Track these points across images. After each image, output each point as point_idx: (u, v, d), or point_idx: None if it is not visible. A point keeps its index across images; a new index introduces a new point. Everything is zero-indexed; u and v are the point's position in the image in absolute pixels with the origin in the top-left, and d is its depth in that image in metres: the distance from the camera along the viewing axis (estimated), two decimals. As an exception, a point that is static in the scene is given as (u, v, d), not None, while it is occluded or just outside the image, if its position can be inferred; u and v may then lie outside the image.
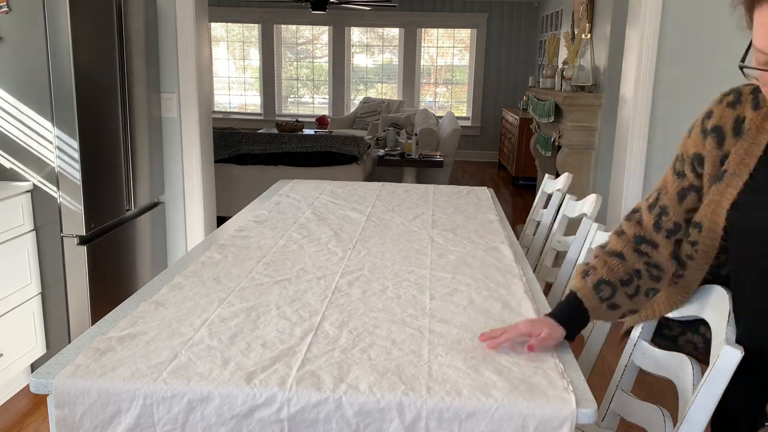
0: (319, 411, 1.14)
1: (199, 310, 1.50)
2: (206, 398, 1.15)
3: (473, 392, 1.16)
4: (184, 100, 3.52)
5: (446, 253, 2.02)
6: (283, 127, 7.31)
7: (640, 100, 3.45)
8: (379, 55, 10.19)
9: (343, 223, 2.35)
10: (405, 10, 9.56)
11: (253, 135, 5.59)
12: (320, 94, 10.36)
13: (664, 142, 3.50)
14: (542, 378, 1.22)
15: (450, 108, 9.93)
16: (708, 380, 1.16)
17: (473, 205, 2.71)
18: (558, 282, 2.19)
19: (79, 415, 1.16)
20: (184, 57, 3.46)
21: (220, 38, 10.22)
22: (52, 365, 1.22)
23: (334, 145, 5.52)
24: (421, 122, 7.44)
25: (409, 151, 6.19)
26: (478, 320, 1.49)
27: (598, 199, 2.25)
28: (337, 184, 3.10)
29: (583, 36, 5.04)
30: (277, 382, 1.18)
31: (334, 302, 1.57)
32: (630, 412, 1.42)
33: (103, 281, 2.96)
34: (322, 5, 7.60)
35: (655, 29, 3.37)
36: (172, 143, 3.56)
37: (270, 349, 1.31)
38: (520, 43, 9.55)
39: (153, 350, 1.29)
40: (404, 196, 2.85)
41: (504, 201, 6.95)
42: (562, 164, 4.58)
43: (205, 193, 3.67)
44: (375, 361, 1.27)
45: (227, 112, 10.32)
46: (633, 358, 1.47)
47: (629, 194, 3.55)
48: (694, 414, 1.17)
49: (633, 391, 1.47)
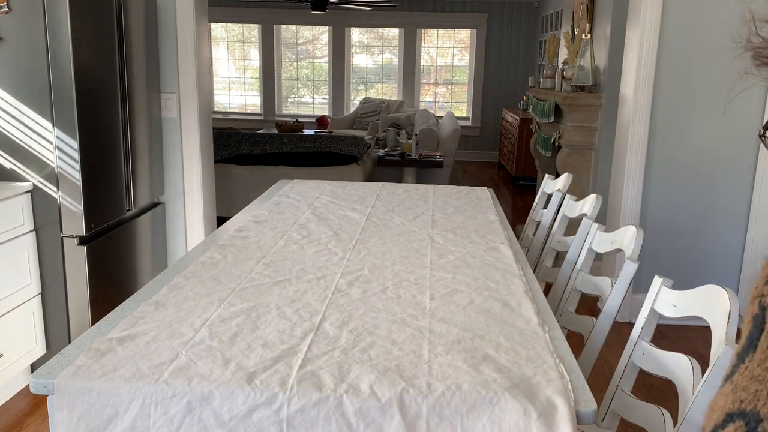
0: (319, 410, 1.14)
1: (199, 310, 1.50)
2: (207, 398, 1.15)
3: (473, 387, 1.16)
4: (184, 100, 3.52)
5: (446, 253, 2.02)
6: (283, 128, 7.31)
7: (640, 100, 3.45)
8: (379, 55, 10.19)
9: (343, 223, 2.35)
10: (405, 10, 9.56)
11: (253, 135, 5.59)
12: (320, 94, 10.36)
13: (664, 142, 3.50)
14: (542, 378, 1.22)
15: (450, 108, 9.93)
16: (708, 380, 1.16)
17: (473, 206, 2.71)
18: (558, 282, 2.19)
19: (79, 415, 1.16)
20: (184, 57, 3.46)
21: (220, 38, 10.22)
22: (52, 366, 1.22)
23: (334, 145, 5.52)
24: (421, 122, 7.45)
25: (409, 152, 6.19)
26: (478, 320, 1.49)
27: (598, 199, 2.25)
28: (337, 185, 3.10)
29: (583, 36, 5.04)
30: (277, 382, 1.18)
31: (334, 302, 1.57)
32: (630, 413, 1.42)
33: (103, 281, 2.96)
34: (322, 5, 7.60)
35: (655, 29, 3.37)
36: (172, 143, 3.56)
37: (270, 349, 1.31)
38: (520, 43, 9.55)
39: (153, 351, 1.29)
40: (404, 196, 2.85)
41: (504, 201, 6.95)
42: (562, 164, 4.58)
43: (205, 193, 3.67)
44: (375, 361, 1.27)
45: (227, 113, 10.32)
46: (633, 358, 1.47)
47: (629, 194, 3.56)
48: (694, 414, 1.17)
49: (633, 391, 1.47)
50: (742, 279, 3.56)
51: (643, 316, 1.50)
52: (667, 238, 3.58)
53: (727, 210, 3.54)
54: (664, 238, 3.57)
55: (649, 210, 3.58)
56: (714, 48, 3.38)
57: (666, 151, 3.51)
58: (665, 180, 3.54)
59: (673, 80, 3.43)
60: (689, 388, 1.22)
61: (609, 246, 1.95)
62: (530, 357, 1.31)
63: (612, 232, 1.96)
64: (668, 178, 3.53)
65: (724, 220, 3.56)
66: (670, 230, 3.58)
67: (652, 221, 3.57)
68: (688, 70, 3.41)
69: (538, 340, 1.39)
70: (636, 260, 1.71)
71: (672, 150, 3.51)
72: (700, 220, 3.57)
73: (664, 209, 3.57)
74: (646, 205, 3.57)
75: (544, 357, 1.31)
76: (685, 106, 3.45)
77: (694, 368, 1.24)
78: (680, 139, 3.49)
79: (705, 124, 3.45)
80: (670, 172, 3.53)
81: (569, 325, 1.91)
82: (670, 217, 3.58)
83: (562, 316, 1.95)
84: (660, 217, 3.58)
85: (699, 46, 3.39)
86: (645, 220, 3.58)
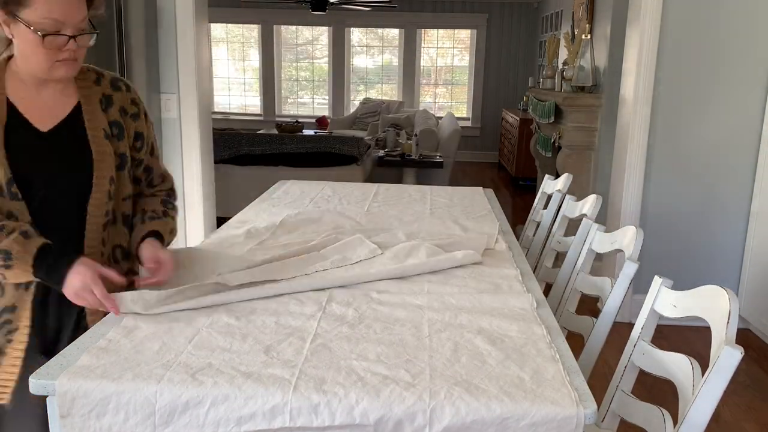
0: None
1: (202, 309, 1.50)
2: (213, 397, 1.15)
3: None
4: (184, 101, 3.52)
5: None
6: (283, 128, 7.31)
7: (640, 100, 3.45)
8: (379, 55, 10.19)
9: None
10: (405, 10, 9.56)
11: (252, 136, 5.60)
12: (320, 94, 10.37)
13: (664, 143, 3.50)
14: (544, 382, 1.22)
15: (450, 109, 9.93)
16: (708, 380, 1.16)
17: (472, 206, 2.71)
18: (558, 282, 2.19)
19: (79, 416, 1.16)
20: (184, 58, 3.46)
21: (220, 39, 10.22)
22: (53, 366, 1.22)
23: (334, 145, 5.52)
24: (421, 123, 7.45)
25: (408, 152, 6.19)
26: (474, 322, 1.49)
27: (598, 200, 2.25)
28: (336, 185, 3.10)
29: (583, 36, 5.04)
30: (280, 381, 1.18)
31: (333, 299, 1.57)
32: (630, 413, 1.42)
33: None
34: (322, 6, 7.61)
35: (655, 29, 3.37)
36: (172, 144, 3.56)
37: (272, 346, 1.31)
38: (520, 43, 9.55)
39: (155, 350, 1.29)
40: (401, 197, 2.85)
41: (504, 202, 6.95)
42: (562, 165, 4.58)
43: (204, 193, 3.67)
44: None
45: (227, 113, 10.32)
46: (633, 358, 1.47)
47: (629, 194, 3.56)
48: (694, 414, 1.17)
49: (633, 391, 1.47)
50: (742, 279, 3.56)
51: (643, 317, 1.50)
52: (667, 238, 3.58)
53: (727, 210, 3.54)
54: (664, 239, 3.57)
55: (649, 210, 3.58)
56: (714, 48, 3.38)
57: (666, 151, 3.51)
58: (665, 180, 3.54)
59: (673, 80, 3.43)
60: (689, 388, 1.22)
61: (609, 246, 1.95)
62: (530, 356, 1.31)
63: (612, 232, 1.96)
64: (668, 178, 3.53)
65: (724, 220, 3.56)
66: (670, 230, 3.58)
67: (652, 221, 3.57)
68: (688, 70, 3.41)
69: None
70: (636, 260, 1.71)
71: (672, 150, 3.51)
72: (700, 220, 3.57)
73: (664, 209, 3.57)
74: (646, 205, 3.57)
75: (545, 355, 1.31)
76: (685, 106, 3.45)
77: (694, 368, 1.24)
78: (680, 139, 3.49)
79: (705, 124, 3.45)
80: (670, 172, 3.53)
81: (569, 325, 1.91)
82: (670, 218, 3.58)
83: (562, 317, 1.95)
84: (660, 217, 3.58)
85: (699, 45, 3.39)
86: (645, 220, 3.58)
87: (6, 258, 1.38)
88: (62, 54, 1.41)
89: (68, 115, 1.50)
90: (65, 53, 1.41)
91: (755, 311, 3.41)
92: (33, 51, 1.39)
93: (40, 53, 1.39)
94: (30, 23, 1.35)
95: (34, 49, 1.38)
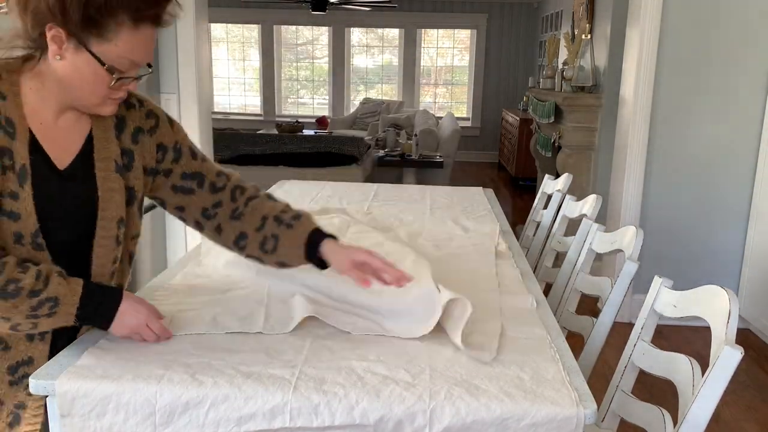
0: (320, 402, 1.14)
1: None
2: (213, 397, 1.15)
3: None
4: (184, 101, 3.51)
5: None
6: (283, 128, 7.32)
7: (640, 100, 3.45)
8: (379, 55, 10.19)
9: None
10: (405, 10, 9.56)
11: (253, 136, 5.60)
12: (320, 94, 10.37)
13: (664, 143, 3.50)
14: (544, 382, 1.22)
15: (450, 109, 9.93)
16: (708, 380, 1.16)
17: (472, 206, 2.71)
18: (558, 282, 2.19)
19: (79, 416, 1.16)
20: (184, 58, 3.46)
21: (220, 39, 10.22)
22: (52, 366, 1.22)
23: (334, 145, 5.52)
24: (421, 123, 7.45)
25: (409, 152, 6.19)
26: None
27: (598, 200, 2.25)
28: (336, 185, 3.10)
29: (583, 36, 5.04)
30: (280, 381, 1.18)
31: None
32: (630, 413, 1.42)
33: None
34: (322, 6, 7.61)
35: (655, 29, 3.37)
36: (172, 144, 3.56)
37: (272, 346, 1.31)
38: (520, 43, 9.55)
39: (155, 350, 1.29)
40: (401, 197, 2.85)
41: (504, 202, 6.95)
42: (562, 165, 4.59)
43: (205, 193, 3.66)
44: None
45: (227, 113, 10.32)
46: (633, 358, 1.47)
47: (629, 194, 3.56)
48: (694, 414, 1.17)
49: (633, 391, 1.48)
50: (742, 279, 3.56)
51: (643, 317, 1.50)
52: (667, 238, 3.57)
53: (727, 210, 3.54)
54: (664, 238, 3.57)
55: (649, 210, 3.58)
56: (714, 48, 3.38)
57: (666, 151, 3.51)
58: (665, 180, 3.54)
59: (673, 80, 3.43)
60: (689, 388, 1.22)
61: (609, 246, 1.95)
62: (530, 356, 1.31)
63: (612, 232, 1.96)
64: (668, 178, 3.53)
65: (724, 220, 3.56)
66: (670, 230, 3.58)
67: (652, 221, 3.57)
68: (688, 70, 3.41)
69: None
70: (636, 260, 1.71)
71: (672, 150, 3.51)
72: (700, 220, 3.57)
73: (664, 209, 3.57)
74: (646, 205, 3.57)
75: (545, 356, 1.31)
76: (685, 106, 3.45)
77: (694, 368, 1.24)
78: (680, 139, 3.49)
79: (705, 124, 3.45)
80: (670, 172, 3.53)
81: (569, 325, 1.91)
82: (670, 217, 3.58)
83: (562, 317, 1.95)
84: (660, 217, 3.58)
85: (699, 46, 3.39)
86: (645, 220, 3.58)
87: (53, 306, 1.21)
88: (119, 93, 1.25)
89: (82, 147, 1.31)
90: (122, 92, 1.26)
91: (755, 311, 3.41)
92: (90, 86, 1.21)
93: (100, 91, 1.22)
94: (103, 59, 1.18)
95: (93, 86, 1.21)
